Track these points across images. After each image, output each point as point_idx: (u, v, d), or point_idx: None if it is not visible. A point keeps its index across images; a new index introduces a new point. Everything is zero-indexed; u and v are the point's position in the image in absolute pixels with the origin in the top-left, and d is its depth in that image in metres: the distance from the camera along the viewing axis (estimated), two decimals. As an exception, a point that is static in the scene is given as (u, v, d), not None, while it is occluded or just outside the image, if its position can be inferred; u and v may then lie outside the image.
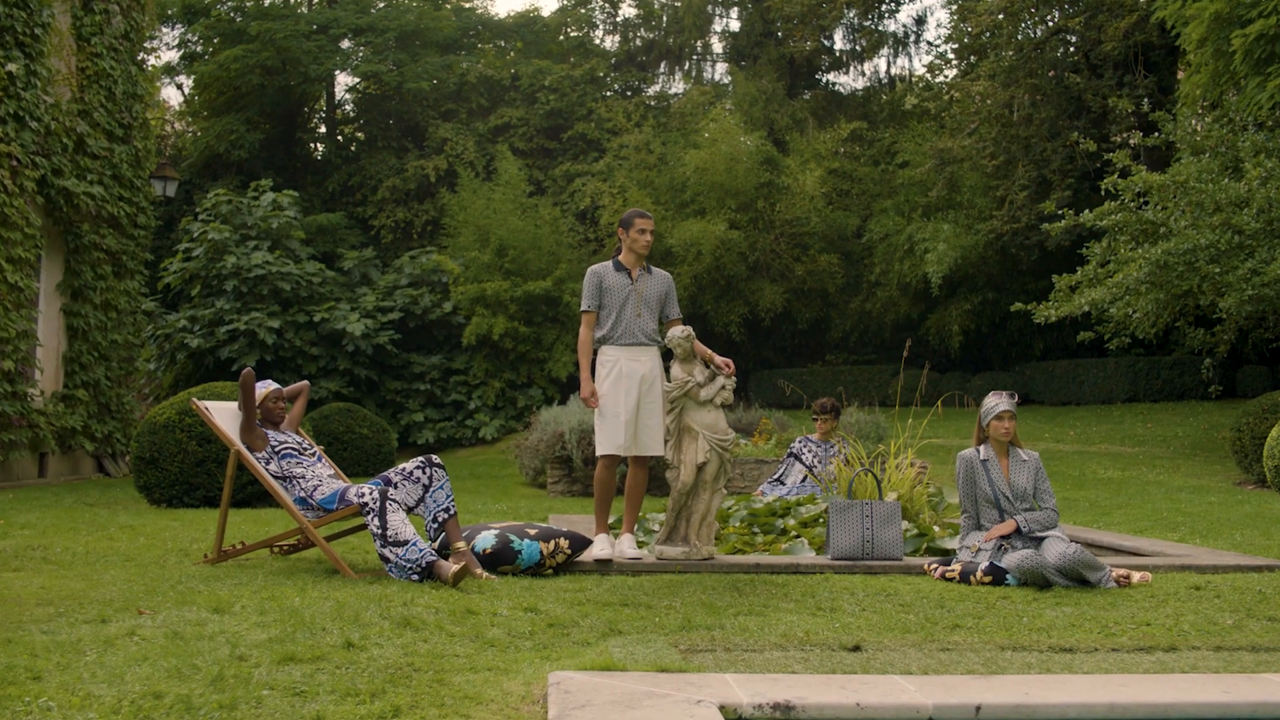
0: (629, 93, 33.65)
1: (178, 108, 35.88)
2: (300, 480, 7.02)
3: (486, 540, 7.03)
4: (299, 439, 7.38)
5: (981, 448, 7.22)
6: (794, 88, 32.11)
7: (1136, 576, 6.80)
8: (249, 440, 7.13)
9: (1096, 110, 22.72)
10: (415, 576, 6.43)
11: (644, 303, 7.51)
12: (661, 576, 7.01)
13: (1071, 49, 24.49)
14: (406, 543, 6.49)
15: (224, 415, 7.31)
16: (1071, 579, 6.65)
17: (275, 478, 7.07)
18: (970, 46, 26.04)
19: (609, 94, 33.05)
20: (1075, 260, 20.75)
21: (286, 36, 29.37)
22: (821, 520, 8.77)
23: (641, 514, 9.61)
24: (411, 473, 6.99)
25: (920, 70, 35.65)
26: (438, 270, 26.37)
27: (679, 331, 7.40)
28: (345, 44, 31.48)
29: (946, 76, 30.68)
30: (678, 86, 35.06)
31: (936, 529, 8.31)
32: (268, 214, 24.94)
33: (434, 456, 7.07)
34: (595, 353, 7.58)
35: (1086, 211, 15.65)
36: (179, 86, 35.09)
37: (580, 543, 7.22)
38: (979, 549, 7.01)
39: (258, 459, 7.10)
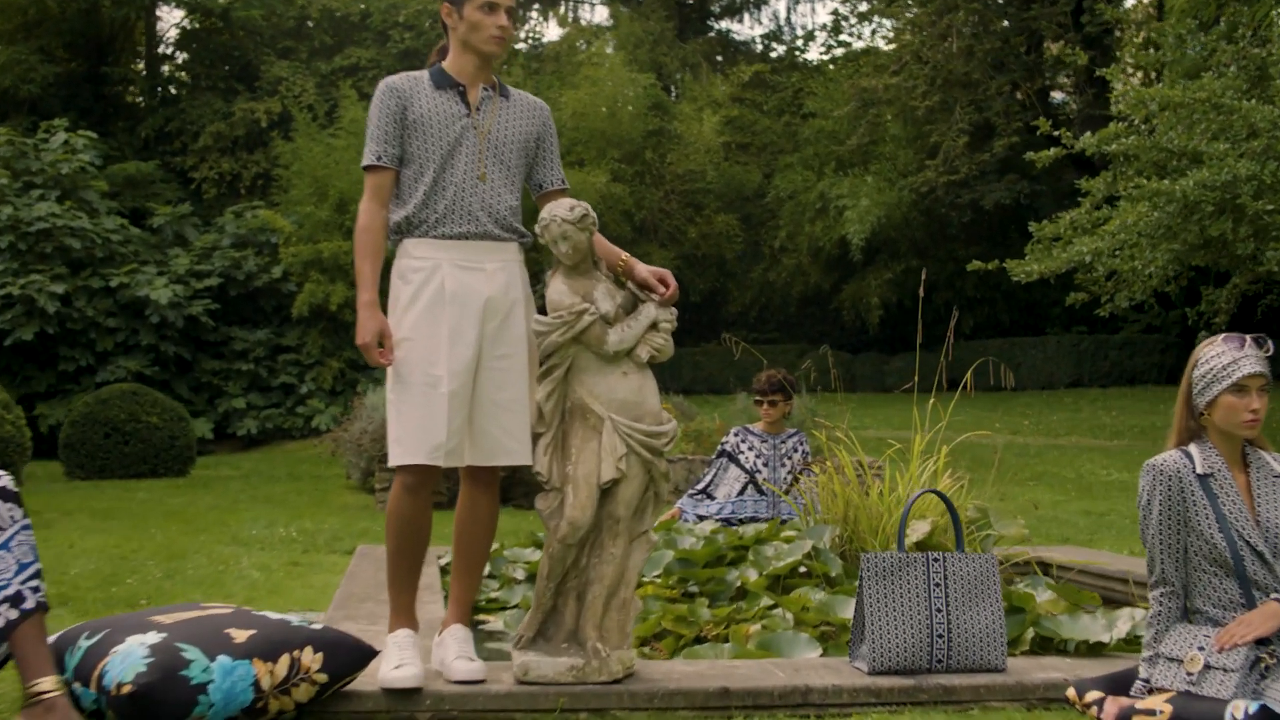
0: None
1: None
2: None
3: (130, 661, 3.13)
4: None
5: (1194, 450, 3.49)
6: (684, 33, 28.60)
7: None
8: None
9: (1052, 39, 19.40)
10: None
11: (493, 152, 3.69)
12: (527, 733, 3.21)
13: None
14: None
15: None
16: None
17: None
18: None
19: (472, 37, 29.15)
20: (1016, 221, 17.53)
21: (89, -50, 24.96)
22: (808, 570, 5.04)
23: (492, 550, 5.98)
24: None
25: (825, 18, 32.40)
26: (266, 229, 22.22)
27: (564, 210, 3.58)
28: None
29: (853, 23, 27.29)
30: (552, 34, 31.32)
31: (1036, 596, 4.55)
32: (58, 158, 20.93)
33: (-3, 474, 3.10)
34: (393, 255, 3.75)
35: (1088, 135, 12.11)
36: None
37: (351, 656, 3.37)
38: (1205, 663, 3.28)
39: None
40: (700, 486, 7.52)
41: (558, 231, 3.56)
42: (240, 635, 3.28)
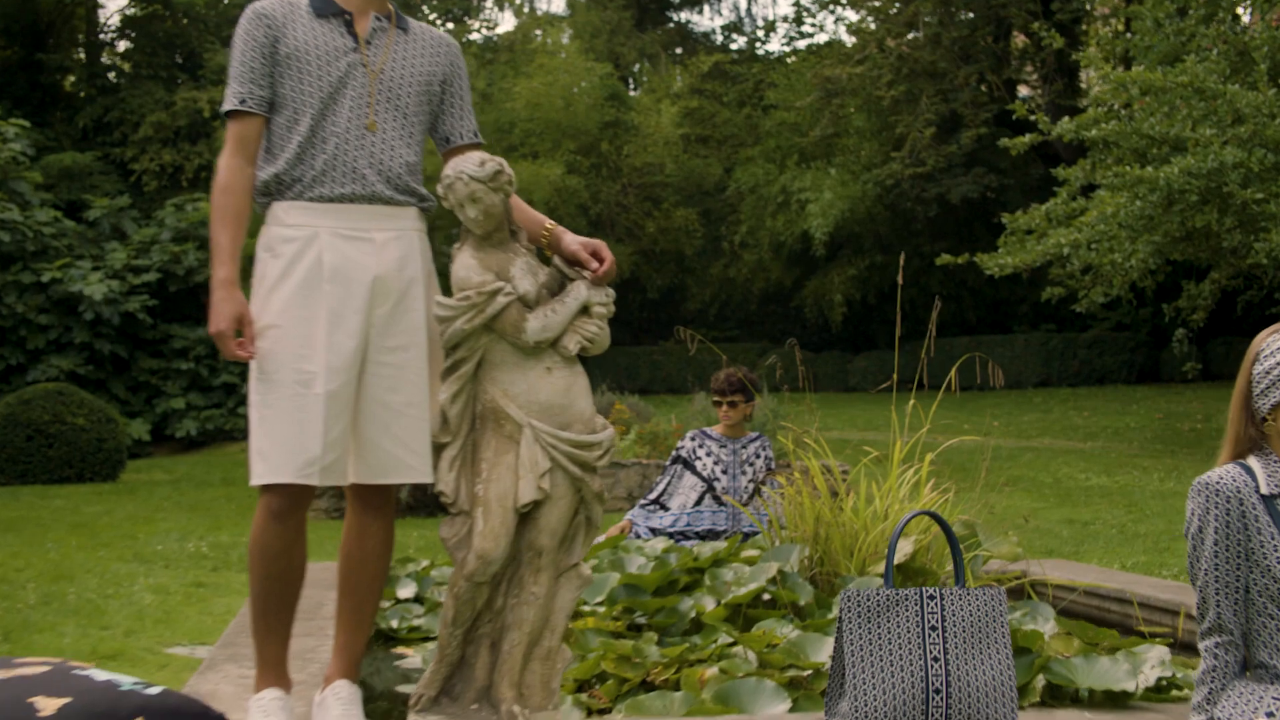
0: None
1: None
2: None
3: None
4: None
5: (1255, 464, 2.81)
6: (642, 23, 28.02)
7: None
8: None
9: (1020, 27, 18.85)
10: None
11: (386, 96, 2.99)
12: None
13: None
14: None
15: None
16: None
17: None
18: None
19: (422, 26, 28.54)
20: (982, 215, 16.93)
21: (23, -66, 24.11)
22: (773, 598, 4.37)
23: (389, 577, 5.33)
24: None
25: (787, 9, 31.89)
26: (207, 222, 21.31)
27: (473, 165, 2.86)
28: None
29: (814, 13, 26.73)
30: (507, 23, 30.66)
31: (1045, 632, 3.88)
32: (-13, 147, 19.94)
33: None
34: (264, 223, 3.02)
35: (1066, 120, 11.48)
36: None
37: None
38: (1271, 735, 2.61)
39: None
40: (653, 496, 6.83)
41: (464, 192, 2.85)
42: (49, 705, 2.55)
